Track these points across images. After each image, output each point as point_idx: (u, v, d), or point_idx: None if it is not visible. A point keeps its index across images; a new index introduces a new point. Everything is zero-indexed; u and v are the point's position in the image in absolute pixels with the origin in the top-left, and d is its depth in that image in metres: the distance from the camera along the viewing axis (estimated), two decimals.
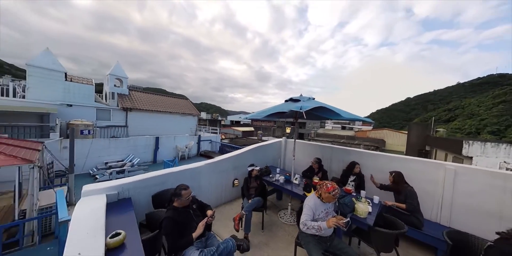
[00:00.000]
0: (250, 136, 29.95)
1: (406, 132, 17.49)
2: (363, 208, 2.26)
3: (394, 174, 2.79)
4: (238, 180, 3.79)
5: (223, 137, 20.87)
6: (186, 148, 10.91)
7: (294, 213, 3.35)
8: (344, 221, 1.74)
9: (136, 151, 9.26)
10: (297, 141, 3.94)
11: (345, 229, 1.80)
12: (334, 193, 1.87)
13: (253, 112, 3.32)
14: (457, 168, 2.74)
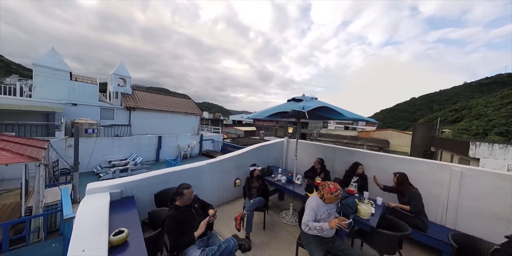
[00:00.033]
0: (252, 135, 29.98)
1: (411, 132, 17.22)
2: (366, 209, 2.23)
3: (398, 175, 2.75)
4: (240, 180, 3.79)
5: (225, 136, 20.94)
6: (188, 147, 10.98)
7: (296, 214, 3.34)
8: (347, 222, 1.73)
9: (139, 150, 9.37)
10: (299, 141, 3.92)
11: (347, 231, 1.78)
12: (336, 194, 1.85)
13: (255, 111, 3.31)
14: (464, 170, 2.69)
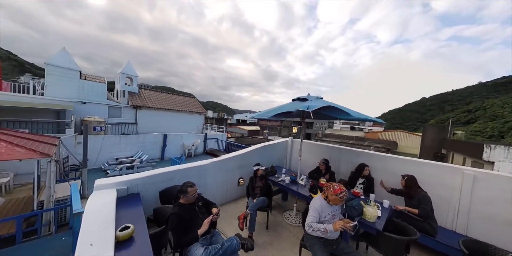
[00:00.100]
0: (256, 135, 29.96)
1: (421, 134, 16.69)
2: (371, 212, 2.18)
3: (407, 178, 2.66)
4: (243, 179, 3.79)
5: (229, 135, 21.04)
6: (193, 146, 11.10)
7: (300, 214, 3.31)
8: (352, 224, 1.69)
9: (145, 147, 9.56)
10: (304, 141, 3.87)
11: (352, 233, 1.75)
12: (341, 195, 1.82)
13: (260, 111, 3.30)
14: (477, 174, 2.58)
